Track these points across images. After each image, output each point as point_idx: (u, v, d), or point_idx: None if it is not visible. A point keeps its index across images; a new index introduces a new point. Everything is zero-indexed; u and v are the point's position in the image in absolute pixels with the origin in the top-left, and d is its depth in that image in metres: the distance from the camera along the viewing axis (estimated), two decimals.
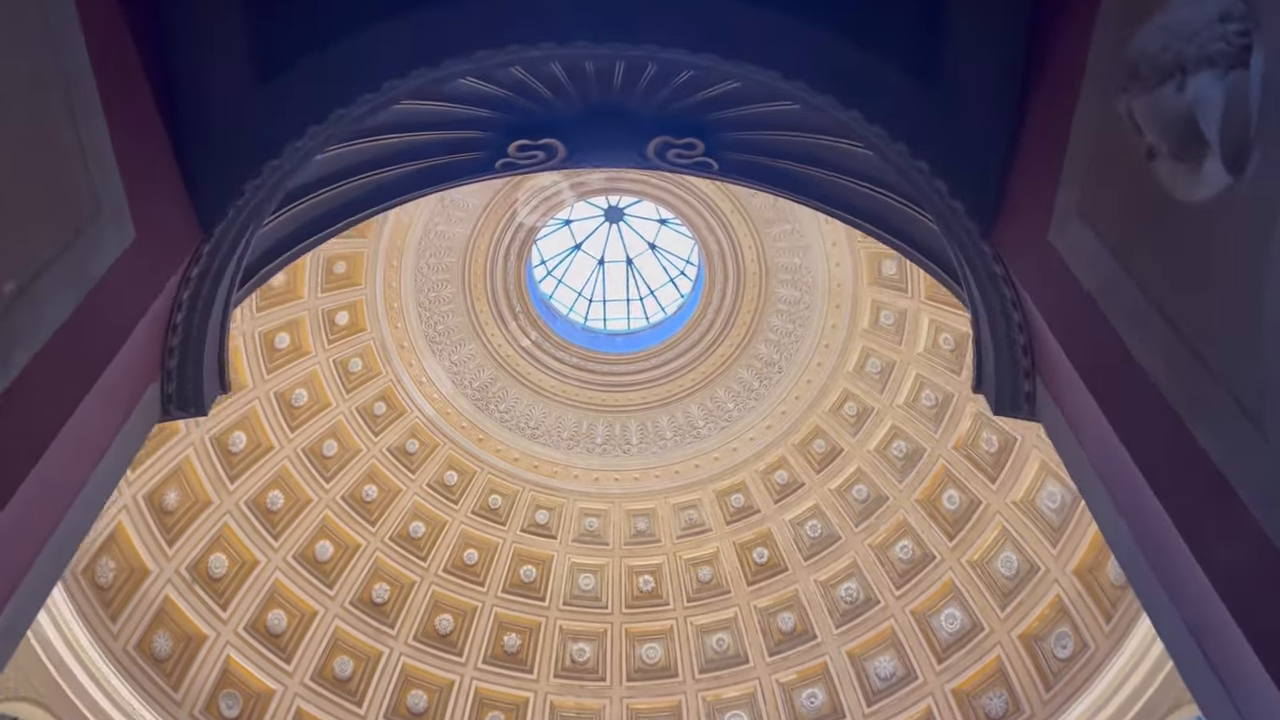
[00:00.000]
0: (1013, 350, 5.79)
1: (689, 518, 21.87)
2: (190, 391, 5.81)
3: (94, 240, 4.61)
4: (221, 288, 5.58)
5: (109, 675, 15.03)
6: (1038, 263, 5.36)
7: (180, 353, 5.57)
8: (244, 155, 5.42)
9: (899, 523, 19.73)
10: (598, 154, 6.63)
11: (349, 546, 19.77)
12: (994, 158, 5.86)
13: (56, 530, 4.67)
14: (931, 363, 18.93)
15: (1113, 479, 4.92)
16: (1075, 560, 16.65)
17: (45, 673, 14.08)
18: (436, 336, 20.72)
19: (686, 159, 6.66)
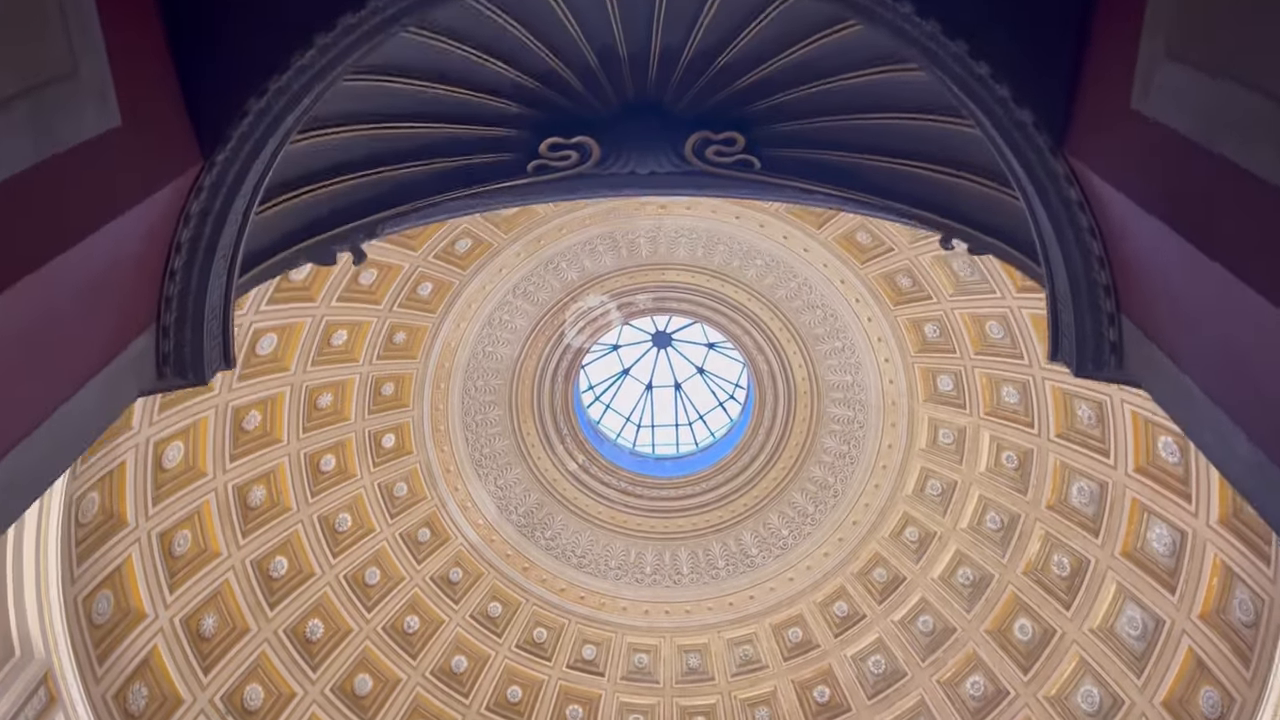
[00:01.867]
0: (1093, 294, 5.25)
1: (744, 653, 20.78)
2: (189, 356, 5.45)
3: (66, 100, 3.97)
4: (225, 236, 5.23)
5: None
6: (1120, 149, 4.70)
7: (178, 306, 5.25)
8: (248, 70, 5.09)
9: (968, 656, 18.52)
10: (634, 154, 6.37)
11: (389, 680, 18.98)
12: (1062, 49, 5.27)
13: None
14: (995, 482, 18.13)
15: (1255, 411, 4.16)
16: (1163, 691, 15.35)
17: None
18: (483, 460, 20.41)
19: (727, 156, 6.37)
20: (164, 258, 5.21)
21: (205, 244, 5.18)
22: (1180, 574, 15.04)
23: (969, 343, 17.56)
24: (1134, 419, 15.32)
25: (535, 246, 18.30)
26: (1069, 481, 16.90)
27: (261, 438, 17.01)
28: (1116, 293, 5.25)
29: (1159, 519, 15.36)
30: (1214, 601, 14.58)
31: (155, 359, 5.42)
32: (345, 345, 17.68)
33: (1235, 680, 14.10)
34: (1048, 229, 5.44)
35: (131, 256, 4.85)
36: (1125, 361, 5.39)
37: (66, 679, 13.32)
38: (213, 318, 5.45)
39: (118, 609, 14.83)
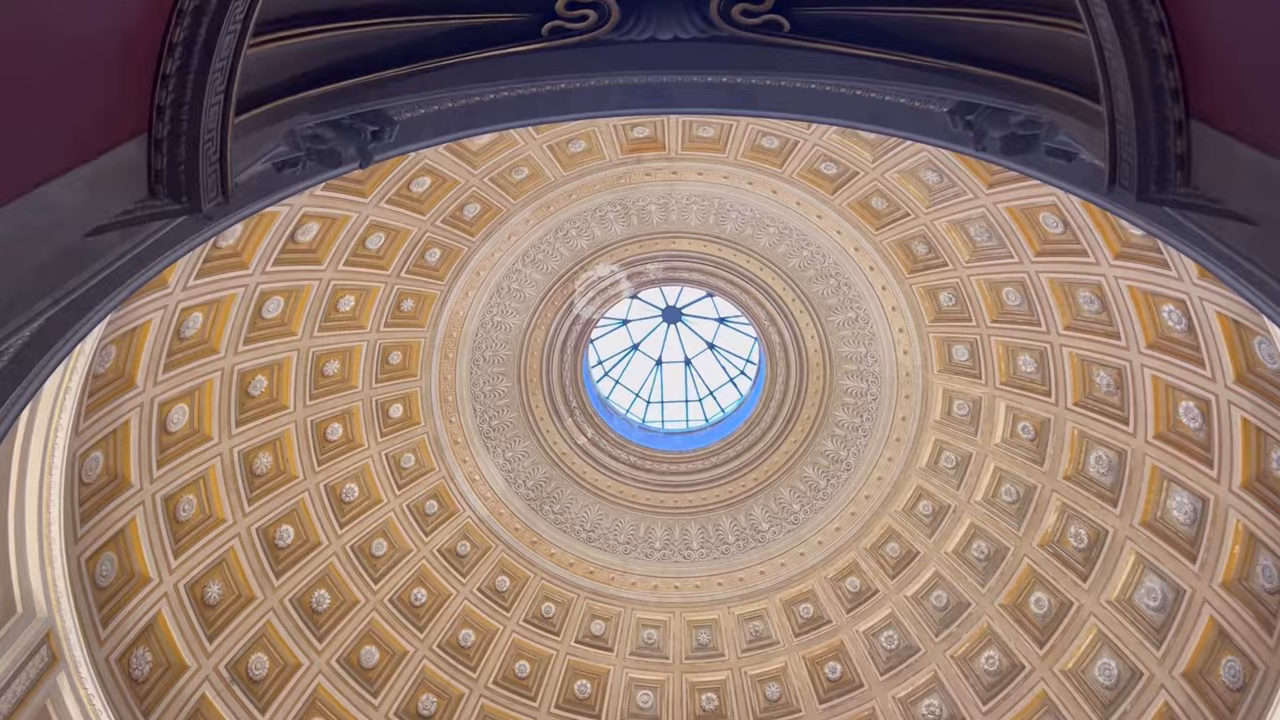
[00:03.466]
0: (1159, 101, 4.91)
1: (754, 629, 20.52)
2: (184, 177, 5.20)
3: None
4: (220, 46, 4.94)
5: None
6: None
7: (172, 119, 5.00)
8: None
9: (983, 631, 18.23)
10: (654, 15, 6.03)
11: (395, 653, 18.77)
12: None
13: None
14: (1010, 454, 17.84)
15: None
16: (1184, 662, 15.05)
17: None
18: (491, 432, 20.19)
19: (754, 16, 6.04)
20: (155, 55, 4.96)
21: (200, 48, 4.91)
22: (1201, 542, 14.73)
23: (985, 310, 17.28)
24: (1154, 384, 15.01)
25: (544, 212, 18.06)
26: (1087, 451, 16.61)
27: (268, 403, 16.81)
28: (1186, 96, 4.94)
29: (1179, 486, 15.05)
30: (1236, 569, 14.28)
31: (147, 174, 5.20)
32: (352, 311, 17.48)
33: (1259, 648, 13.81)
34: (1109, 33, 5.03)
35: (120, 33, 4.58)
36: (1192, 175, 5.08)
37: (69, 640, 13.13)
38: (209, 140, 5.19)
39: (121, 572, 14.65)
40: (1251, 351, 13.06)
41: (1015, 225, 15.57)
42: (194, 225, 6.53)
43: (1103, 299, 15.21)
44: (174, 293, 13.70)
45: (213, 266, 14.22)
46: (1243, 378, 13.39)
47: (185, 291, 13.96)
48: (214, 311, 14.96)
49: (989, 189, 15.34)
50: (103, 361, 13.23)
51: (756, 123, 15.93)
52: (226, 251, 14.41)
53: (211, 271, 14.24)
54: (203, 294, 14.36)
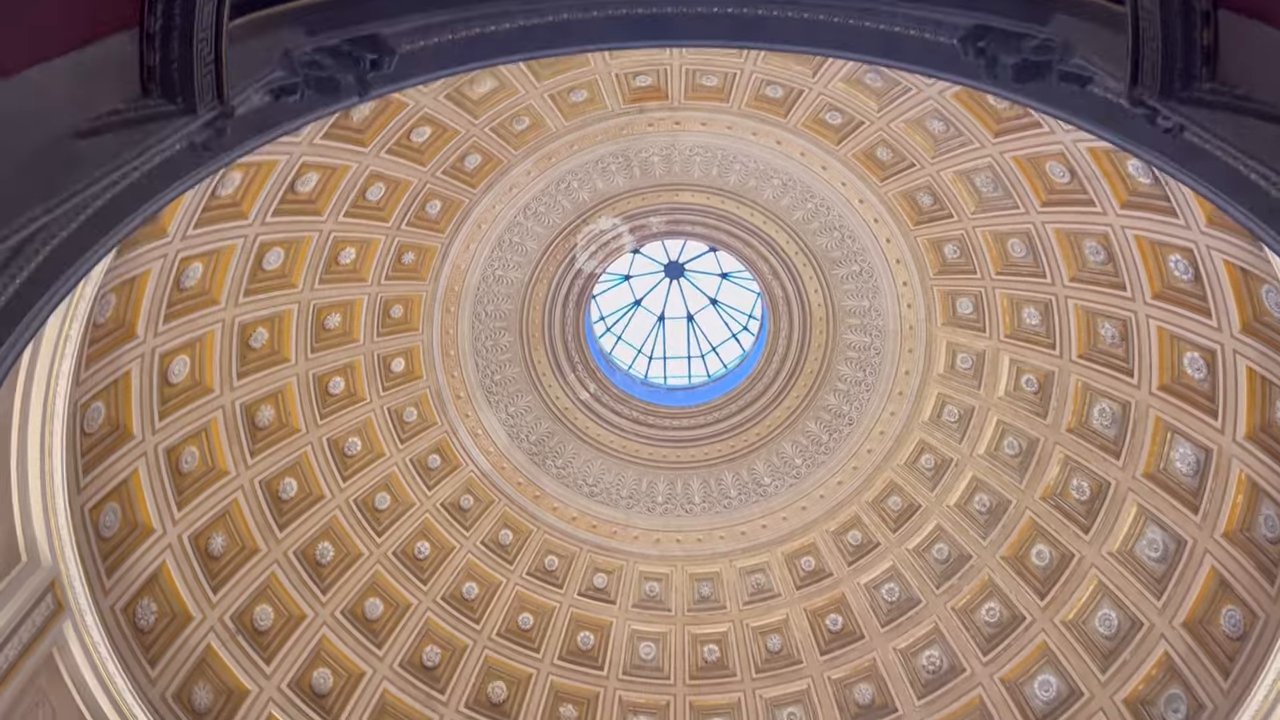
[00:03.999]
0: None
1: (756, 582, 20.61)
2: (178, 76, 5.11)
3: None
4: None
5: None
6: None
7: (164, 13, 4.89)
8: None
9: (984, 583, 18.31)
10: None
11: (400, 605, 18.88)
12: None
13: None
14: (1014, 407, 17.82)
15: None
16: (1184, 612, 15.12)
17: (78, 713, 13.30)
18: (493, 387, 20.17)
19: None
20: None
21: None
22: (1204, 493, 14.74)
23: (990, 262, 17.17)
24: (1159, 335, 14.94)
25: (546, 164, 17.90)
26: (1090, 403, 16.57)
27: (269, 356, 16.77)
28: None
29: (1183, 438, 15.04)
30: (1239, 519, 14.30)
31: (139, 71, 5.09)
32: (353, 264, 17.38)
33: (1260, 598, 13.86)
34: None
35: None
36: (1219, 70, 4.94)
37: (74, 588, 13.18)
38: (203, 39, 5.09)
39: (125, 523, 14.69)
40: (1259, 300, 12.98)
41: (1021, 175, 15.41)
42: (194, 158, 6.42)
43: (1109, 249, 15.10)
44: (173, 242, 13.61)
45: (212, 216, 14.11)
46: (1249, 327, 13.31)
47: (184, 241, 13.87)
48: (214, 262, 14.88)
49: (995, 138, 15.17)
50: (103, 311, 13.16)
51: (761, 71, 15.72)
52: (225, 201, 14.29)
53: (210, 221, 14.13)
54: (202, 244, 14.27)
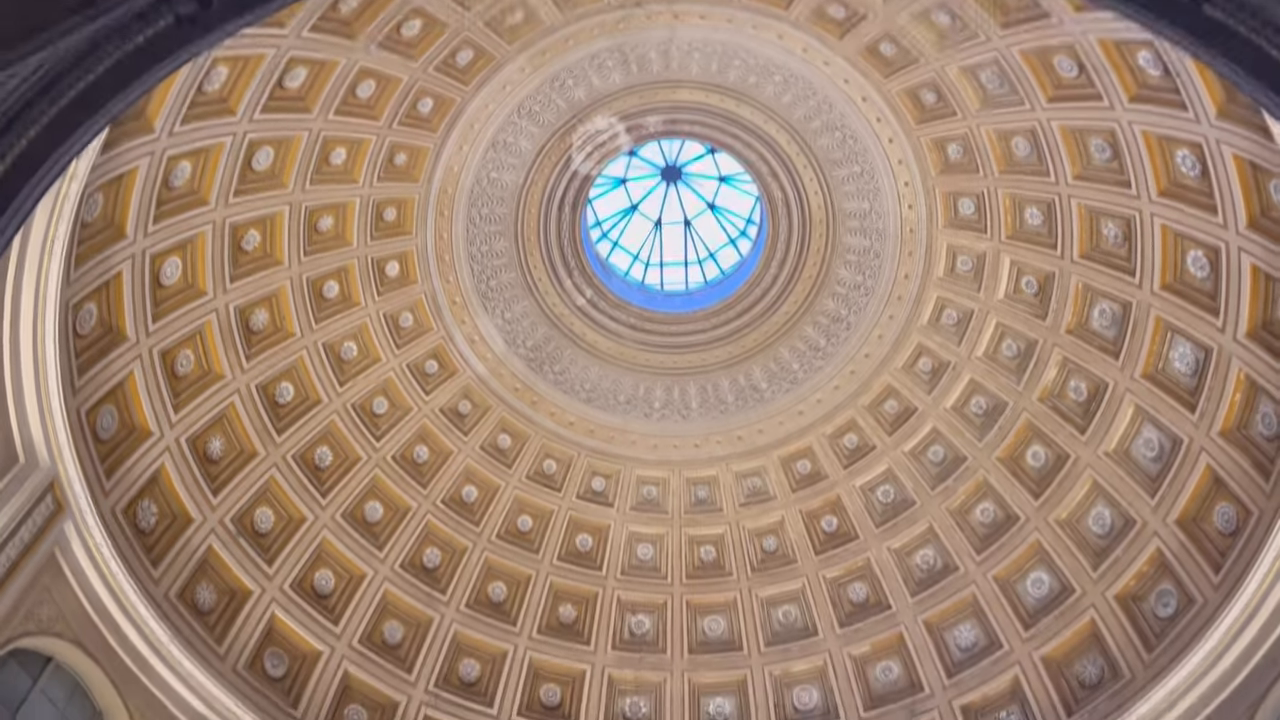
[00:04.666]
0: None
1: (752, 485, 20.77)
2: None
3: None
4: None
5: (149, 620, 14.33)
6: None
7: None
8: None
9: (979, 484, 18.46)
10: None
11: (399, 509, 19.01)
12: None
13: None
14: (1013, 309, 17.73)
15: None
16: (1178, 510, 15.27)
17: (82, 611, 13.45)
18: (489, 292, 19.99)
19: None
20: None
21: None
22: (1202, 392, 14.77)
23: (994, 162, 16.89)
24: (1163, 233, 14.79)
25: (540, 60, 17.41)
26: (1091, 304, 16.49)
27: (261, 259, 16.56)
28: None
29: (1183, 337, 15.00)
30: (1236, 417, 14.35)
31: None
32: (344, 165, 17.04)
33: (1254, 494, 13.98)
34: None
35: None
36: None
37: (74, 489, 13.20)
38: None
39: (122, 425, 14.66)
40: (1267, 195, 12.80)
41: (1028, 70, 15.04)
42: (180, 34, 6.15)
43: (1115, 146, 14.83)
44: (160, 138, 13.28)
45: (199, 112, 13.74)
46: (1255, 223, 13.16)
47: (171, 138, 13.53)
48: (202, 160, 14.56)
49: (1004, 30, 14.76)
50: (90, 210, 12.90)
51: None
52: (212, 96, 13.91)
53: (198, 117, 13.77)
54: (190, 141, 13.93)
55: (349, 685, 17.41)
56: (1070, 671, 16.46)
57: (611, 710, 19.23)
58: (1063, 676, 16.51)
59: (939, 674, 17.93)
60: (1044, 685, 16.60)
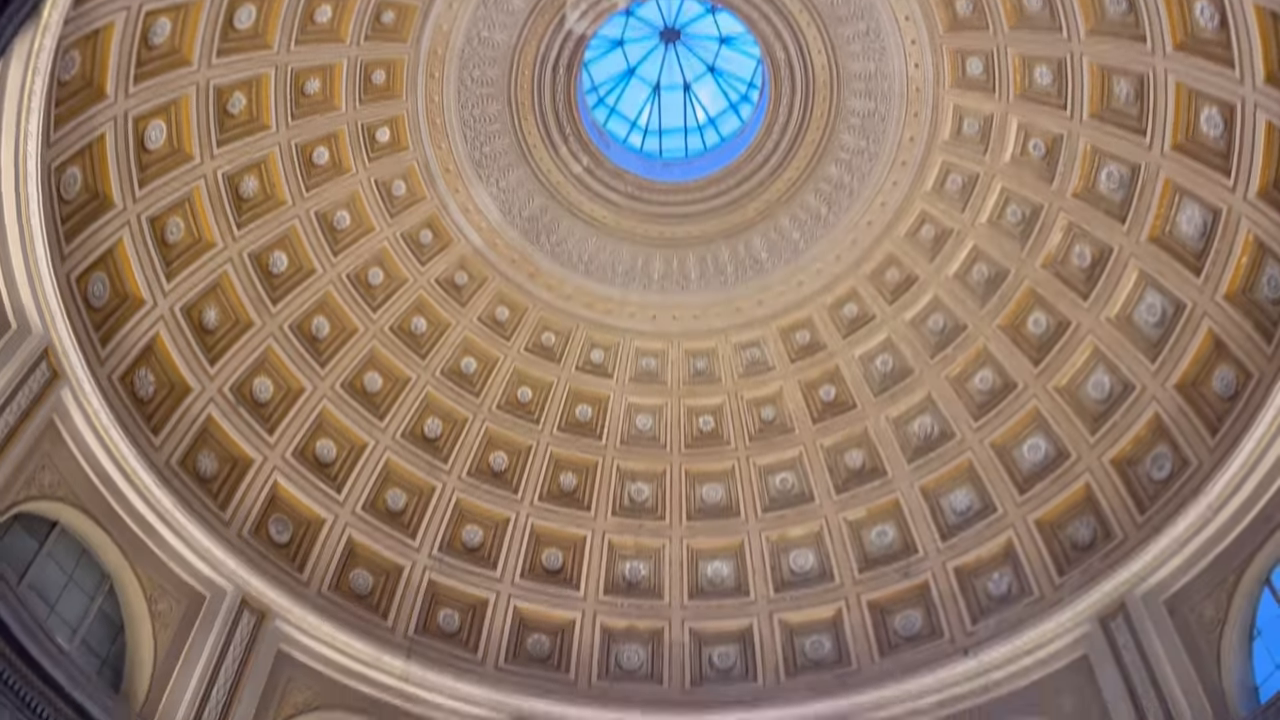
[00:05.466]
0: None
1: (751, 356, 20.72)
2: None
3: None
4: None
5: (152, 487, 14.46)
6: None
7: None
8: None
9: (978, 352, 18.40)
10: None
11: (398, 379, 19.02)
12: None
13: None
14: (1019, 173, 17.34)
15: None
16: (1177, 374, 15.26)
17: (84, 476, 13.56)
18: (483, 160, 19.52)
19: None
20: None
21: None
22: (1209, 255, 14.57)
23: (1004, 17, 16.25)
24: (1177, 91, 14.33)
25: None
26: (1099, 166, 16.12)
27: (248, 123, 16.12)
28: None
29: (1192, 199, 14.71)
30: (1241, 280, 14.20)
31: None
32: (330, 23, 16.42)
33: (1255, 356, 13.93)
34: None
35: None
36: None
37: (69, 356, 13.13)
38: None
39: (114, 293, 14.51)
40: None
41: None
42: None
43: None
44: None
45: None
46: (1274, 77, 12.74)
47: None
48: (182, 16, 14.00)
49: None
50: (67, 68, 12.46)
51: None
52: None
53: None
54: None
55: (354, 551, 17.72)
56: (1063, 534, 16.72)
57: (612, 574, 19.65)
58: (1055, 538, 16.78)
59: (933, 537, 18.23)
60: (1037, 547, 16.88)
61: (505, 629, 18.55)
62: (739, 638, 19.04)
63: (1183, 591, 14.53)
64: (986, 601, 17.28)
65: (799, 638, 18.68)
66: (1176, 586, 14.61)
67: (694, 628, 19.20)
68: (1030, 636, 16.10)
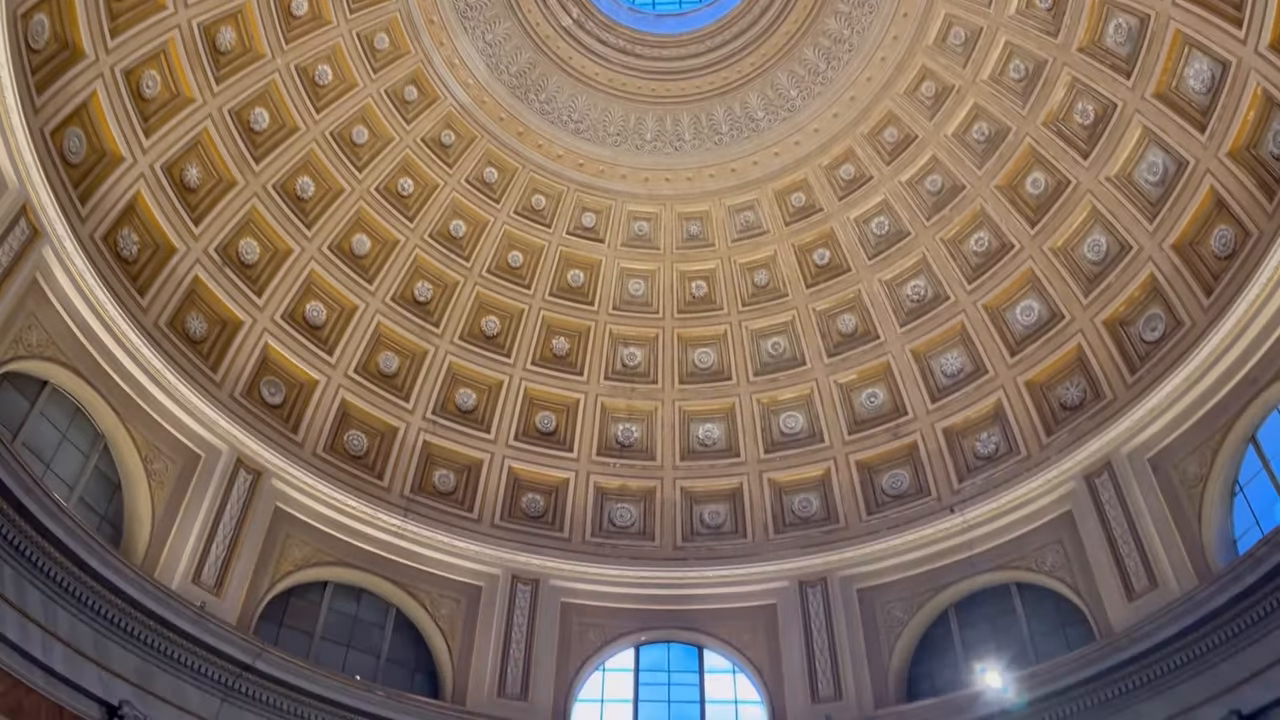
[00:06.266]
0: None
1: (745, 219, 20.43)
2: None
3: None
4: None
5: (141, 347, 14.42)
6: None
7: None
8: None
9: (975, 213, 18.16)
10: None
11: (387, 241, 18.75)
12: None
13: None
14: (1024, 25, 16.71)
15: None
16: (1175, 233, 15.09)
17: (72, 336, 13.47)
18: (468, 10, 18.74)
19: None
20: None
21: None
22: (1215, 110, 14.20)
23: None
24: None
25: None
26: (1107, 18, 15.52)
27: None
28: None
29: (1201, 51, 14.22)
30: (1247, 136, 13.88)
31: None
32: None
33: (1255, 215, 13.74)
34: None
35: None
36: None
37: (47, 213, 12.86)
38: None
39: (91, 149, 14.10)
40: None
41: None
42: None
43: None
44: None
45: None
46: None
47: None
48: None
49: None
50: None
51: None
52: None
53: None
54: None
55: (348, 412, 17.83)
56: (1052, 394, 16.84)
57: (605, 436, 19.88)
58: (1045, 399, 16.92)
59: (923, 399, 18.39)
60: (1025, 407, 17.04)
61: (500, 488, 18.87)
62: (729, 497, 19.42)
63: (1168, 450, 14.75)
64: (974, 461, 17.57)
65: (788, 496, 19.05)
66: (1162, 445, 14.83)
67: (685, 487, 19.56)
68: (1016, 494, 16.46)
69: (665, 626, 18.17)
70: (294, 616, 16.04)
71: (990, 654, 15.04)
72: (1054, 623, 15.65)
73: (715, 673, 17.82)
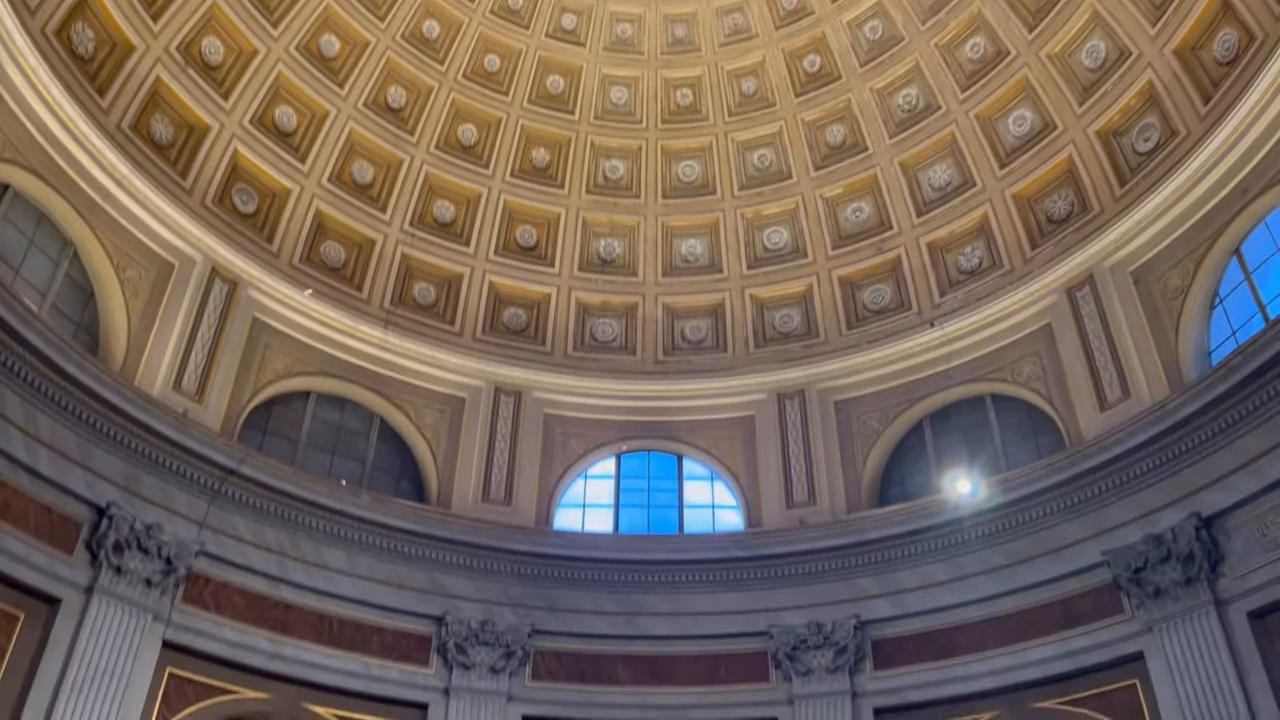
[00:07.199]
0: None
1: (733, 22, 19.49)
2: None
3: None
4: None
5: (104, 150, 13.93)
6: None
7: None
8: None
9: (972, 17, 17.34)
10: None
11: (357, 43, 17.86)
12: None
13: None
14: None
15: None
16: (1178, 38, 14.51)
17: (29, 136, 12.99)
18: None
19: None
20: None
21: None
22: None
23: None
24: None
25: None
26: None
27: None
28: None
29: None
30: None
31: None
32: None
33: (1263, 16, 13.21)
34: None
35: None
36: None
37: None
38: None
39: None
40: None
41: None
42: None
43: None
44: None
45: None
46: None
47: None
48: None
49: None
50: None
51: None
52: None
53: None
54: None
55: (323, 223, 17.49)
56: (1039, 207, 16.63)
57: (586, 252, 19.64)
58: (1031, 212, 16.72)
59: (909, 213, 18.13)
60: (1012, 221, 16.85)
61: (481, 302, 18.78)
62: (711, 312, 19.40)
63: (1151, 262, 14.71)
64: (956, 275, 17.51)
65: (769, 312, 19.05)
66: (1146, 258, 14.78)
67: (667, 303, 19.50)
68: (996, 308, 16.51)
69: (646, 436, 18.50)
70: (278, 424, 16.20)
71: (962, 462, 15.43)
72: (1026, 432, 15.99)
73: (694, 479, 18.29)
